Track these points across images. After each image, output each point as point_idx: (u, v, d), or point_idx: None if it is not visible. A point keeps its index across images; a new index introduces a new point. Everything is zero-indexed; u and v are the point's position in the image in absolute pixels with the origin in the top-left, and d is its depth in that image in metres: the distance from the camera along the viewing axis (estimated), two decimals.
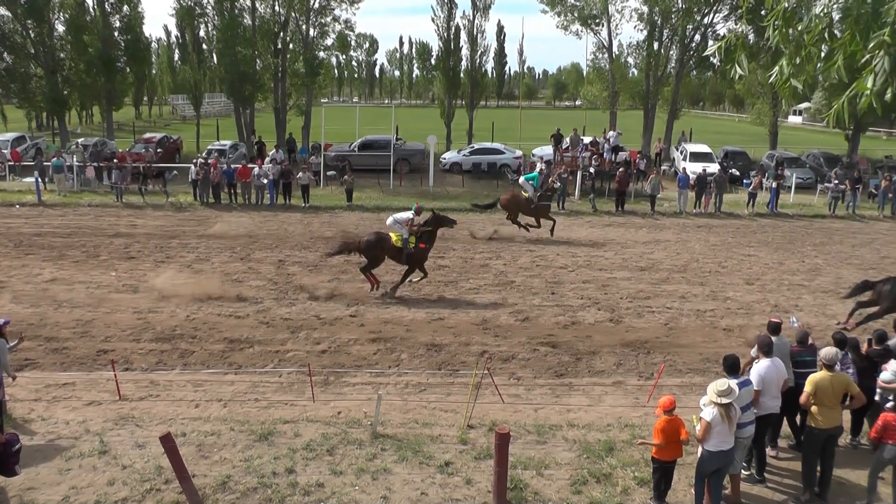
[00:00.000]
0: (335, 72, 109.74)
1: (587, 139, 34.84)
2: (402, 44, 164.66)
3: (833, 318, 14.76)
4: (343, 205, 26.60)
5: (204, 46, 42.86)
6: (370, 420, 9.78)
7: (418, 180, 31.57)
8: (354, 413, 10.26)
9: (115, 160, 28.81)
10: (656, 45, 38.45)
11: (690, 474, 8.17)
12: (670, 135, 40.17)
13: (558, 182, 25.41)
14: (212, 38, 39.63)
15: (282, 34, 37.36)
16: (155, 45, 80.00)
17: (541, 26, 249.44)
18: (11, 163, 31.75)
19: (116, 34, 38.54)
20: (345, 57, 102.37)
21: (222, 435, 9.53)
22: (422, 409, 10.53)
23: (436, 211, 16.63)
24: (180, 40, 69.46)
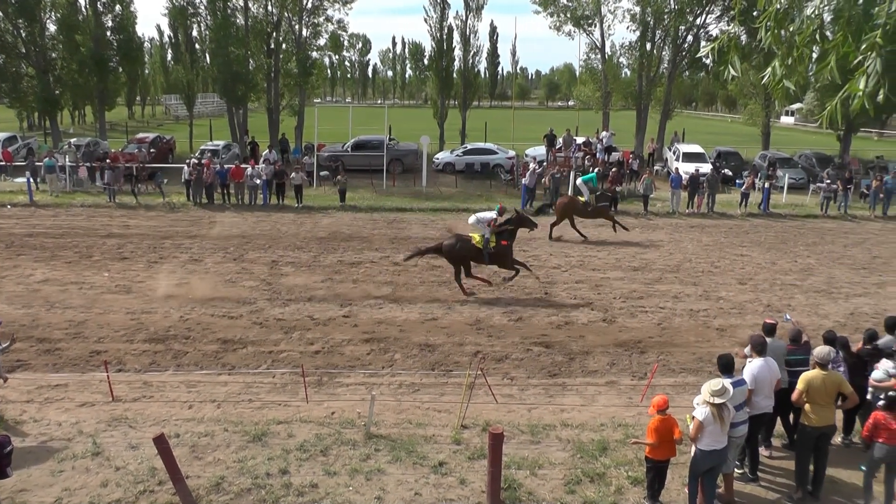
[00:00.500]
0: (328, 72, 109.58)
1: (580, 139, 34.90)
2: (394, 44, 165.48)
3: (825, 318, 14.84)
4: (336, 205, 26.57)
5: (197, 46, 42.70)
6: (364, 420, 9.79)
7: (411, 180, 31.54)
8: (348, 413, 10.26)
9: (107, 160, 28.71)
10: (649, 46, 38.54)
11: (684, 473, 8.20)
12: (663, 135, 40.25)
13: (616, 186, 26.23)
14: (204, 37, 39.48)
15: (275, 34, 37.28)
16: (147, 45, 79.78)
17: (534, 27, 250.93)
18: (3, 163, 31.61)
19: (109, 34, 38.28)
20: (338, 57, 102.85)
21: (216, 436, 9.52)
22: (415, 409, 10.54)
23: (520, 211, 17.29)
24: (173, 40, 69.42)
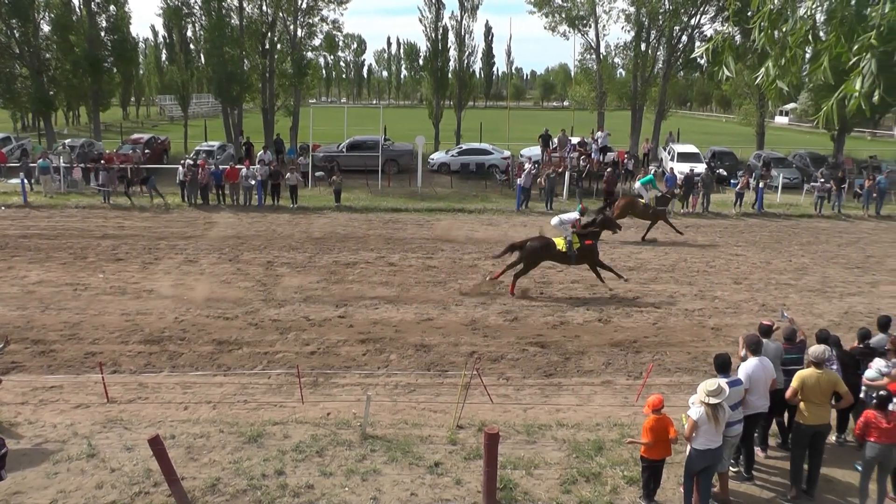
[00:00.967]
0: (323, 72, 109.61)
1: (575, 140, 34.94)
2: (389, 44, 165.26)
3: (820, 317, 14.89)
4: (331, 205, 26.55)
5: (191, 46, 42.60)
6: (359, 421, 9.78)
7: (406, 181, 31.52)
8: (344, 414, 10.25)
9: (102, 161, 28.61)
10: (644, 46, 38.61)
11: (679, 473, 8.22)
12: (658, 135, 40.33)
13: (677, 187, 26.41)
14: (199, 38, 39.43)
15: (269, 34, 37.24)
16: (142, 46, 79.78)
17: (529, 27, 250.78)
18: None
19: (103, 34, 38.20)
20: (332, 57, 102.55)
21: (211, 437, 9.50)
22: (411, 409, 10.54)
23: (606, 213, 17.68)
24: (167, 40, 68.92)
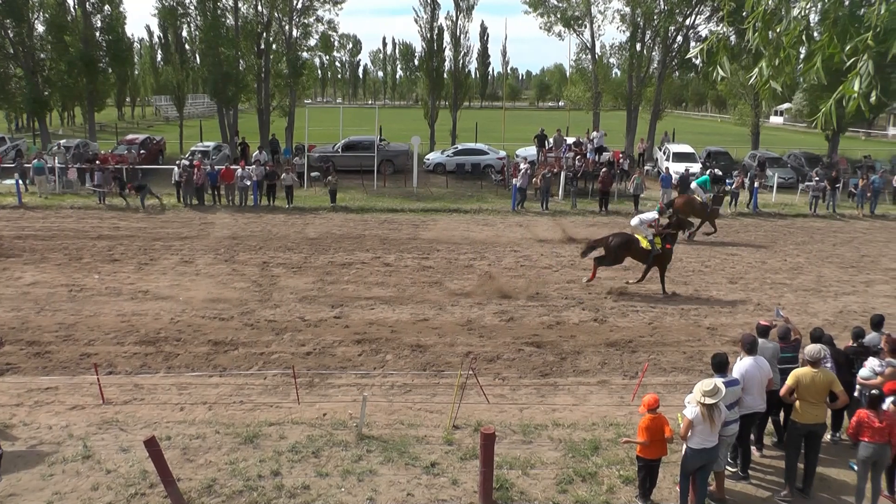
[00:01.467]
0: (318, 72, 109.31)
1: (570, 140, 34.98)
2: (385, 44, 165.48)
3: (815, 316, 14.93)
4: (327, 206, 26.53)
5: (187, 47, 42.60)
6: (355, 421, 9.78)
7: (402, 181, 31.52)
8: (340, 415, 10.24)
9: (97, 162, 28.54)
10: (639, 47, 38.69)
11: (675, 472, 8.24)
12: (653, 135, 40.42)
13: (728, 186, 26.78)
14: (194, 38, 39.37)
15: (265, 34, 37.18)
16: (137, 46, 79.64)
17: (524, 27, 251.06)
18: None
19: (98, 34, 38.09)
20: (328, 57, 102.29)
21: (207, 438, 9.49)
22: (407, 410, 10.54)
23: (679, 214, 18.19)
24: (163, 41, 69.11)
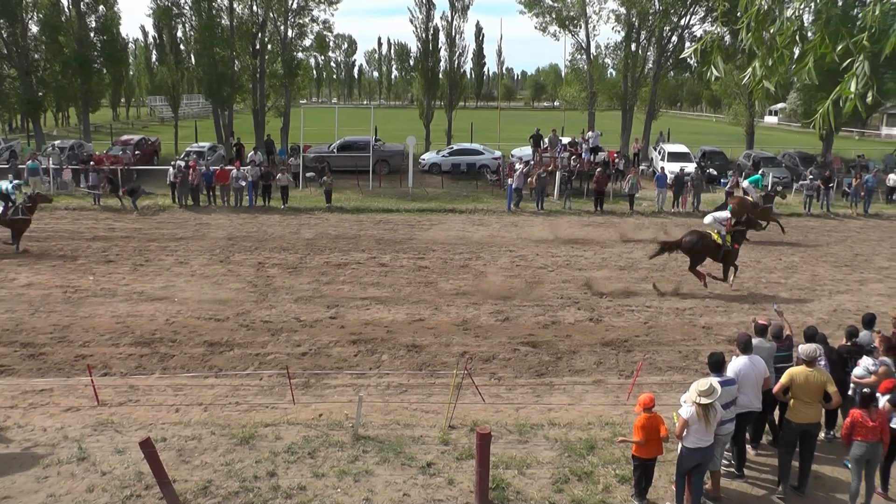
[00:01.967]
0: (314, 73, 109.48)
1: (566, 140, 35.02)
2: (380, 45, 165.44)
3: (809, 315, 14.97)
4: (322, 206, 26.51)
5: (182, 47, 42.51)
6: (351, 422, 9.78)
7: (397, 181, 31.51)
8: (336, 415, 10.24)
9: (92, 162, 28.46)
10: (634, 47, 38.77)
11: (671, 471, 8.25)
12: (648, 135, 40.50)
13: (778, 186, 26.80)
14: (189, 38, 39.33)
15: (260, 35, 37.14)
16: (132, 46, 79.42)
17: (519, 27, 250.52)
18: None
19: (92, 35, 38.03)
20: (323, 58, 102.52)
21: (203, 439, 9.48)
22: (403, 410, 10.54)
23: (749, 215, 18.62)
24: (157, 41, 68.85)
